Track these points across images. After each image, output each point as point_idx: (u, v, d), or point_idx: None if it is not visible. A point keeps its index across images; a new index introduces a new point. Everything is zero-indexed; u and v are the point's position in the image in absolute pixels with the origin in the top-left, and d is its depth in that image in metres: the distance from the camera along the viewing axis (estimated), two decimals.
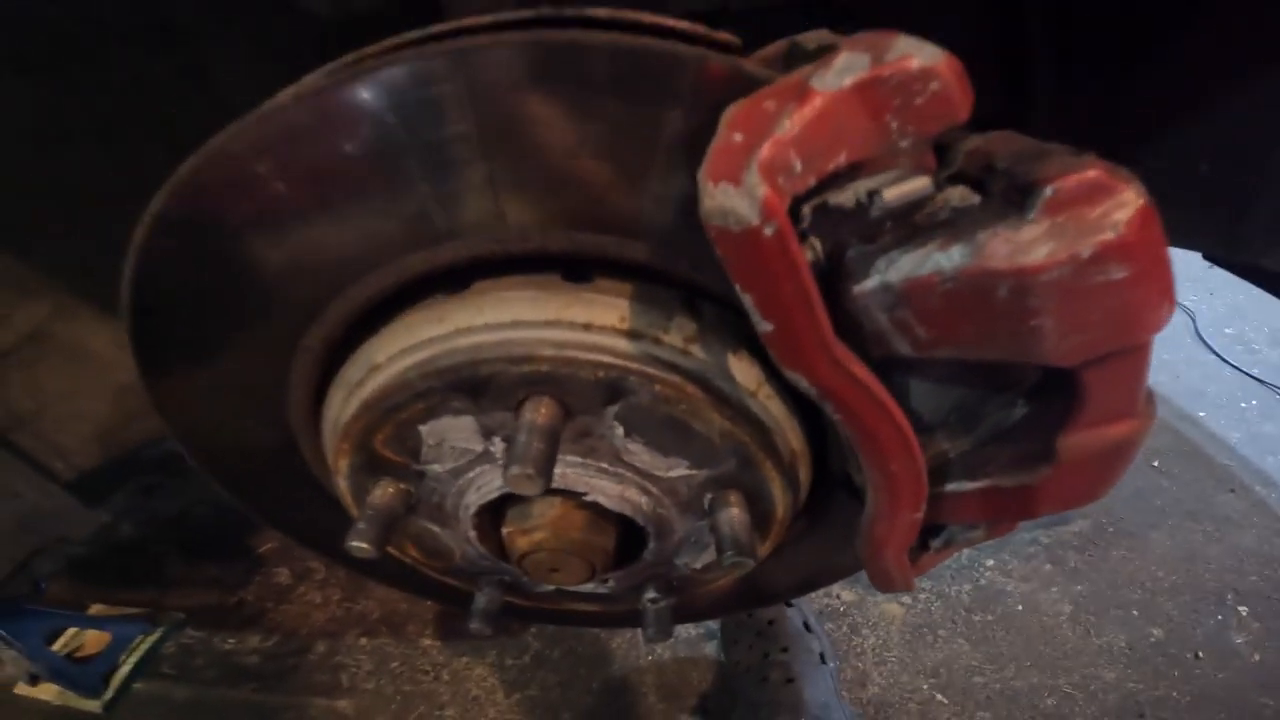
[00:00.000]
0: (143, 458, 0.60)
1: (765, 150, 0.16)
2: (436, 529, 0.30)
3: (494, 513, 0.29)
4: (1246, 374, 1.13)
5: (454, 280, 0.25)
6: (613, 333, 0.23)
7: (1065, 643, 0.77)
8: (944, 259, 0.19)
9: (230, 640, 0.88)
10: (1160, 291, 0.20)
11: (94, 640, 0.92)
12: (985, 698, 0.74)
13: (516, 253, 0.24)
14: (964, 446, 0.26)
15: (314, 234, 0.24)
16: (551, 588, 0.33)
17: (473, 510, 0.28)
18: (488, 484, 0.27)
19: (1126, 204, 0.18)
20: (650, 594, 0.33)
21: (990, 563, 0.86)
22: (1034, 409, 0.25)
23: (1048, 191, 0.18)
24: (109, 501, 0.63)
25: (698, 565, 0.32)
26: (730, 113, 0.19)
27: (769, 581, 0.43)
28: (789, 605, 0.72)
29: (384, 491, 0.27)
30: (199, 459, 0.33)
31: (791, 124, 0.17)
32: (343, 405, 0.26)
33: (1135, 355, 0.21)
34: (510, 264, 0.25)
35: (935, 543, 0.32)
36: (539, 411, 0.23)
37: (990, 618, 0.80)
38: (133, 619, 0.91)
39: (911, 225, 0.20)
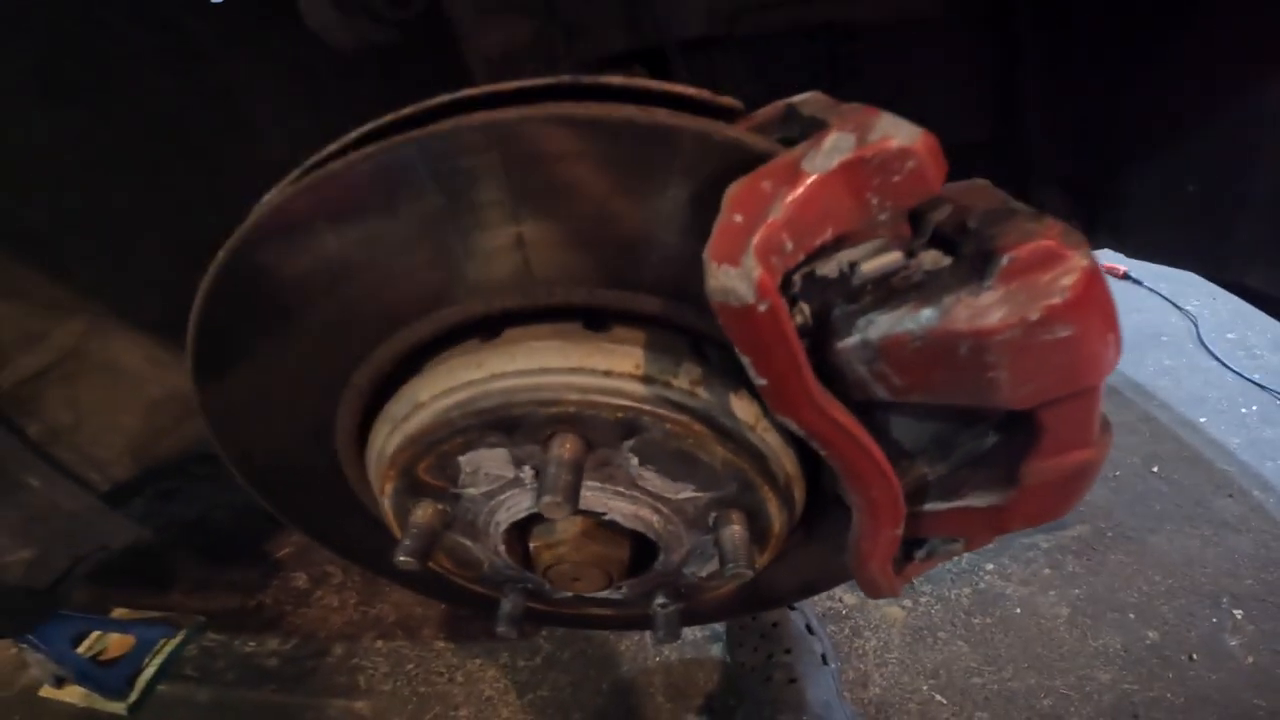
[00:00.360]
0: (163, 463, 0.64)
1: (760, 235, 0.20)
2: (469, 543, 0.34)
3: (521, 529, 0.33)
4: (1248, 379, 1.16)
5: (486, 327, 0.29)
6: (629, 378, 0.26)
7: (1062, 645, 0.81)
8: (914, 321, 0.22)
9: (250, 643, 0.93)
10: (1103, 343, 0.24)
11: (117, 643, 0.97)
12: (983, 698, 0.77)
13: (542, 305, 0.28)
14: (941, 471, 0.30)
15: (364, 287, 0.28)
16: (570, 594, 0.37)
17: (503, 527, 0.32)
18: (517, 505, 0.31)
19: (1072, 270, 0.22)
20: (660, 599, 0.37)
21: (990, 567, 0.89)
22: (1003, 439, 0.29)
23: (1004, 260, 0.22)
24: (129, 507, 0.67)
25: (703, 574, 0.36)
26: (731, 192, 0.22)
27: (771, 586, 0.47)
28: (792, 609, 0.76)
29: (425, 512, 0.31)
30: (250, 480, 0.37)
31: (784, 208, 0.21)
32: (389, 437, 0.30)
33: (1085, 397, 0.25)
34: (537, 313, 0.28)
35: (919, 554, 0.36)
36: (565, 446, 0.27)
37: (989, 620, 0.84)
38: (155, 622, 0.95)
39: (889, 288, 0.24)
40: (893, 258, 0.22)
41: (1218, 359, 1.20)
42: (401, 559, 0.29)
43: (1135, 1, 0.52)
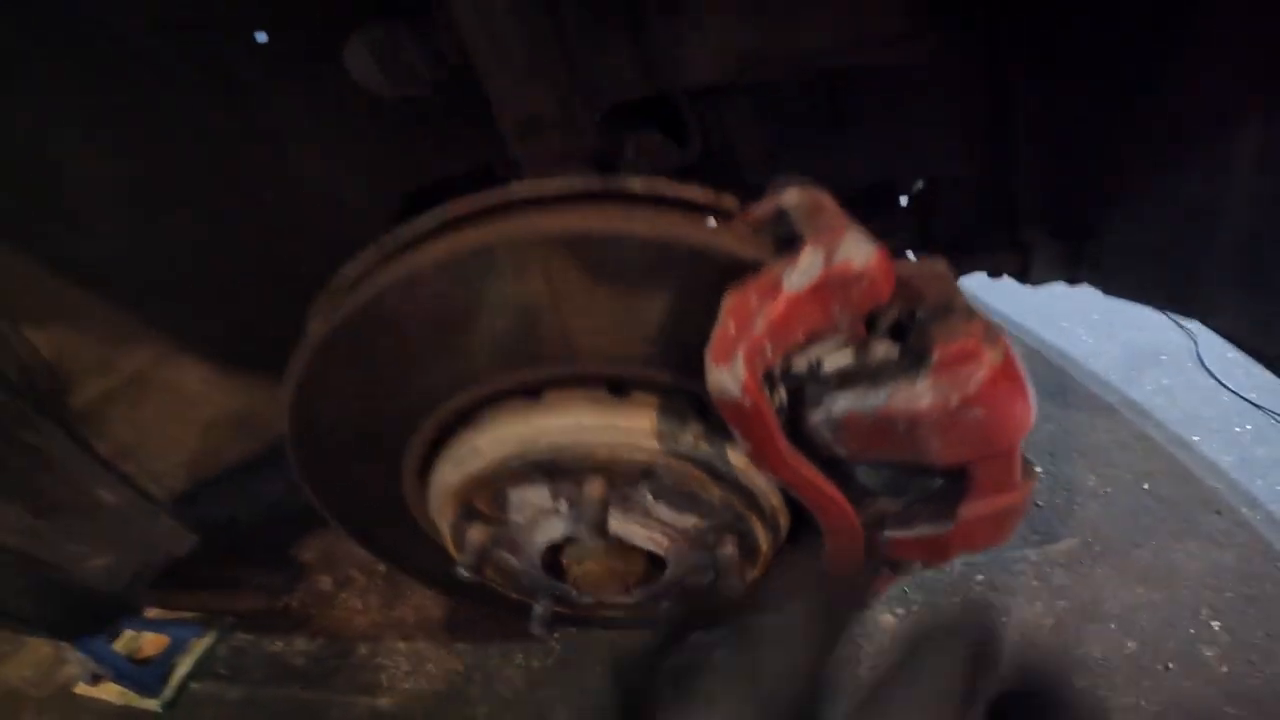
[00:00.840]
0: (214, 477, 0.73)
1: (745, 346, 0.29)
2: (511, 558, 0.43)
3: (555, 548, 0.42)
4: (1243, 398, 1.24)
5: (531, 390, 0.38)
6: (646, 434, 0.35)
7: (1044, 653, 0.89)
8: (865, 403, 0.31)
9: (278, 643, 1.03)
10: (1012, 418, 0.32)
11: (151, 642, 1.06)
12: None
13: (577, 374, 0.37)
14: (897, 507, 0.39)
15: (442, 358, 0.37)
16: (592, 600, 0.46)
17: (541, 547, 0.41)
18: (554, 530, 0.40)
19: (984, 367, 0.30)
20: (665, 604, 0.46)
21: (980, 578, 0.98)
22: (946, 483, 0.37)
23: (934, 358, 0.31)
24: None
25: (702, 584, 0.45)
26: (727, 303, 0.31)
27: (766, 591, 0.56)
28: None
29: (479, 533, 0.40)
30: (328, 508, 0.47)
31: (766, 323, 0.29)
32: (451, 473, 0.39)
33: (1002, 456, 0.34)
34: (572, 379, 0.37)
35: (884, 570, 0.45)
36: (595, 487, 0.36)
37: None
38: (187, 623, 1.05)
39: (848, 374, 0.32)
40: (847, 356, 0.31)
41: (1215, 378, 1.28)
42: (461, 571, 0.38)
43: (1118, 55, 0.60)
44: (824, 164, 0.74)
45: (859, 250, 0.30)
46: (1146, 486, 1.11)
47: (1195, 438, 1.21)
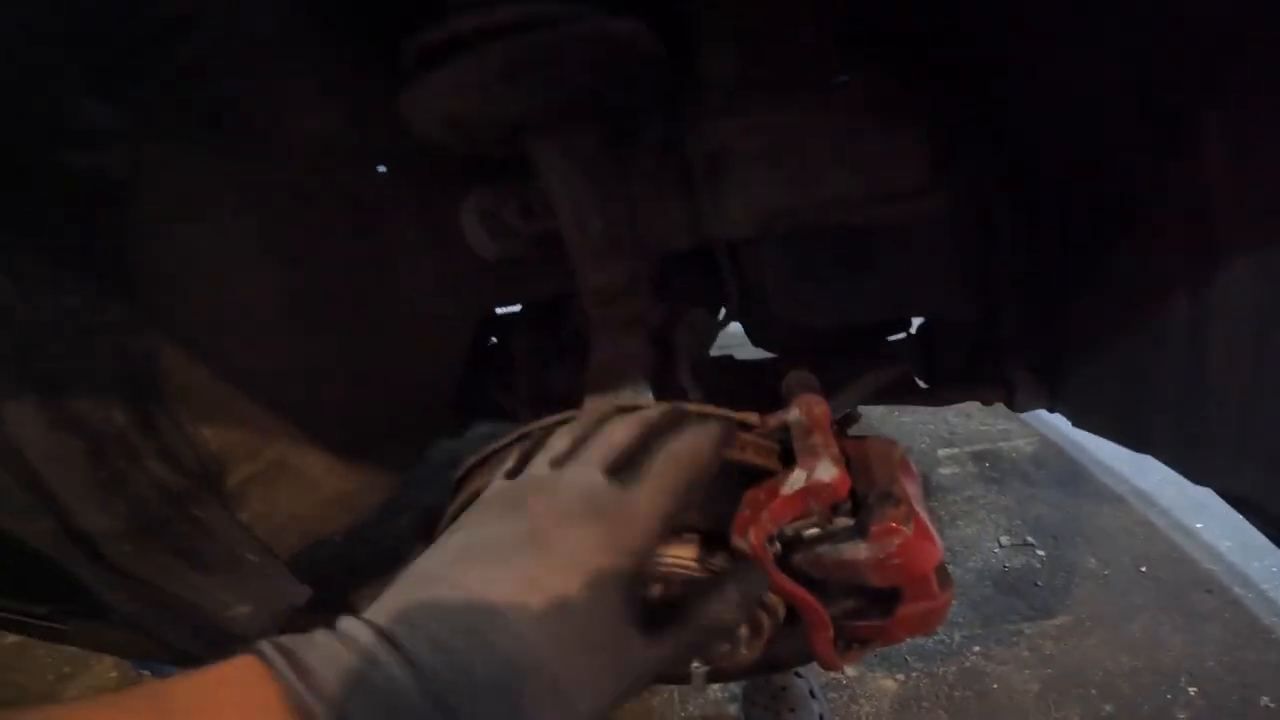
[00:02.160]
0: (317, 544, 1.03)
1: (755, 527, 0.58)
2: None
3: None
4: None
5: None
6: (690, 560, 0.65)
7: (1027, 716, 1.17)
8: (829, 554, 0.60)
9: None
10: (922, 562, 0.61)
11: None
12: None
13: None
14: (859, 604, 0.68)
15: None
16: None
17: None
18: None
19: (900, 536, 0.59)
20: (696, 666, 0.76)
21: (976, 649, 1.27)
22: (888, 592, 0.66)
23: (870, 533, 0.60)
24: None
25: (722, 652, 0.75)
26: (746, 496, 0.60)
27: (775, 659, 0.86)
28: (798, 676, 1.14)
29: None
30: None
31: (769, 513, 0.59)
32: None
33: (918, 581, 0.63)
34: None
35: (855, 646, 0.74)
36: (654, 591, 0.66)
37: (969, 693, 1.21)
38: None
39: (817, 539, 0.62)
40: (816, 532, 0.60)
41: None
42: None
43: (1084, 223, 0.85)
44: (840, 302, 1.04)
45: (828, 472, 0.59)
46: (1144, 569, 1.39)
47: (1198, 525, 1.48)
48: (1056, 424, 1.80)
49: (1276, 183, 0.57)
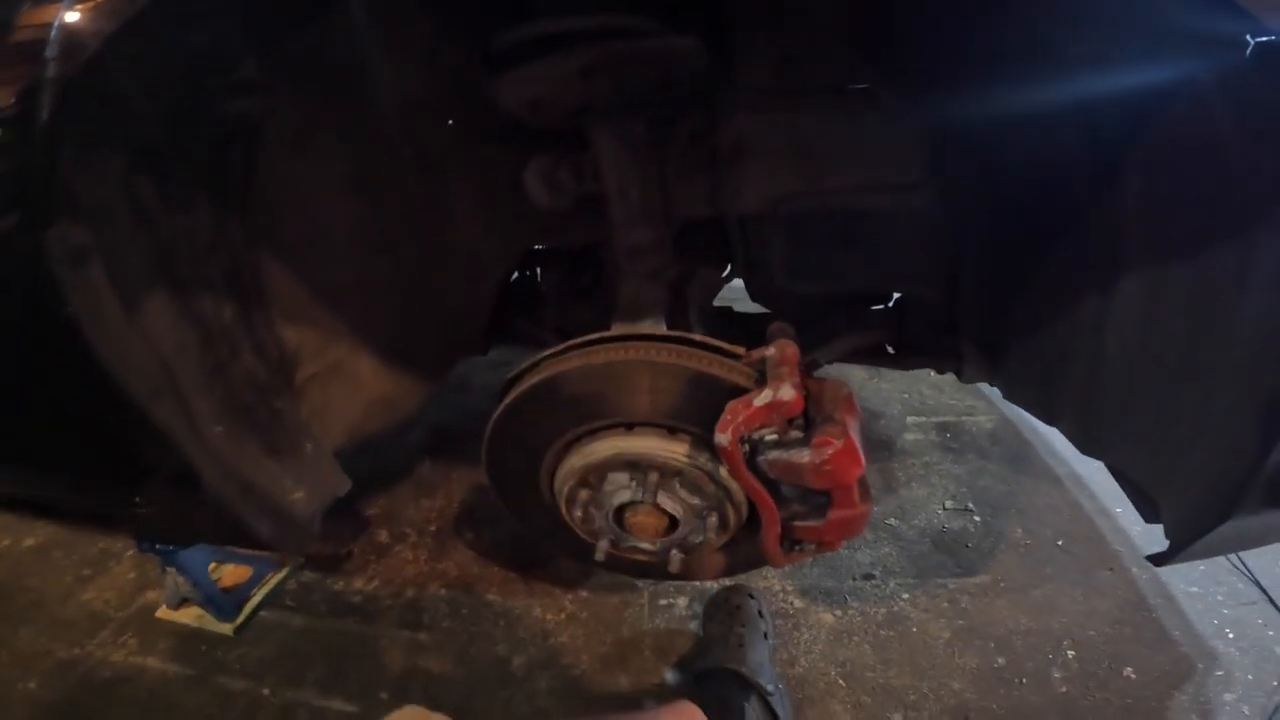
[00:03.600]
0: (361, 442, 1.30)
1: (731, 428, 0.88)
2: (595, 512, 1.02)
3: (620, 508, 1.01)
4: None
5: (625, 425, 0.97)
6: (682, 456, 0.94)
7: (936, 658, 1.46)
8: (781, 457, 0.90)
9: (340, 583, 1.61)
10: (848, 472, 0.91)
11: (230, 574, 1.61)
12: (870, 688, 1.43)
13: (651, 422, 0.96)
14: (802, 508, 0.98)
15: (577, 413, 0.95)
16: (633, 544, 1.05)
17: (614, 505, 1.00)
18: (624, 496, 0.99)
19: (832, 447, 0.89)
20: (674, 552, 1.05)
21: (906, 596, 1.58)
22: (825, 498, 0.96)
23: (812, 443, 0.89)
24: None
25: (696, 541, 1.04)
26: (728, 406, 0.90)
27: (731, 563, 1.16)
28: (751, 598, 1.44)
29: (584, 494, 0.99)
30: (494, 482, 1.05)
31: (743, 419, 0.88)
32: (577, 462, 0.99)
33: (845, 489, 0.92)
34: (647, 424, 0.96)
35: (797, 547, 1.04)
36: (654, 476, 0.95)
37: (892, 633, 1.52)
38: (266, 559, 1.62)
39: (775, 444, 0.91)
40: (775, 438, 0.90)
41: None
42: (577, 515, 0.97)
43: (1038, 227, 1.07)
44: (829, 273, 1.34)
45: (788, 393, 0.88)
46: (1060, 543, 1.71)
47: (1118, 510, 1.81)
48: (1015, 407, 2.11)
49: (1171, 226, 0.83)
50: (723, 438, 0.88)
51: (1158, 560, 0.90)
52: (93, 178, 0.70)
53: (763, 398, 0.87)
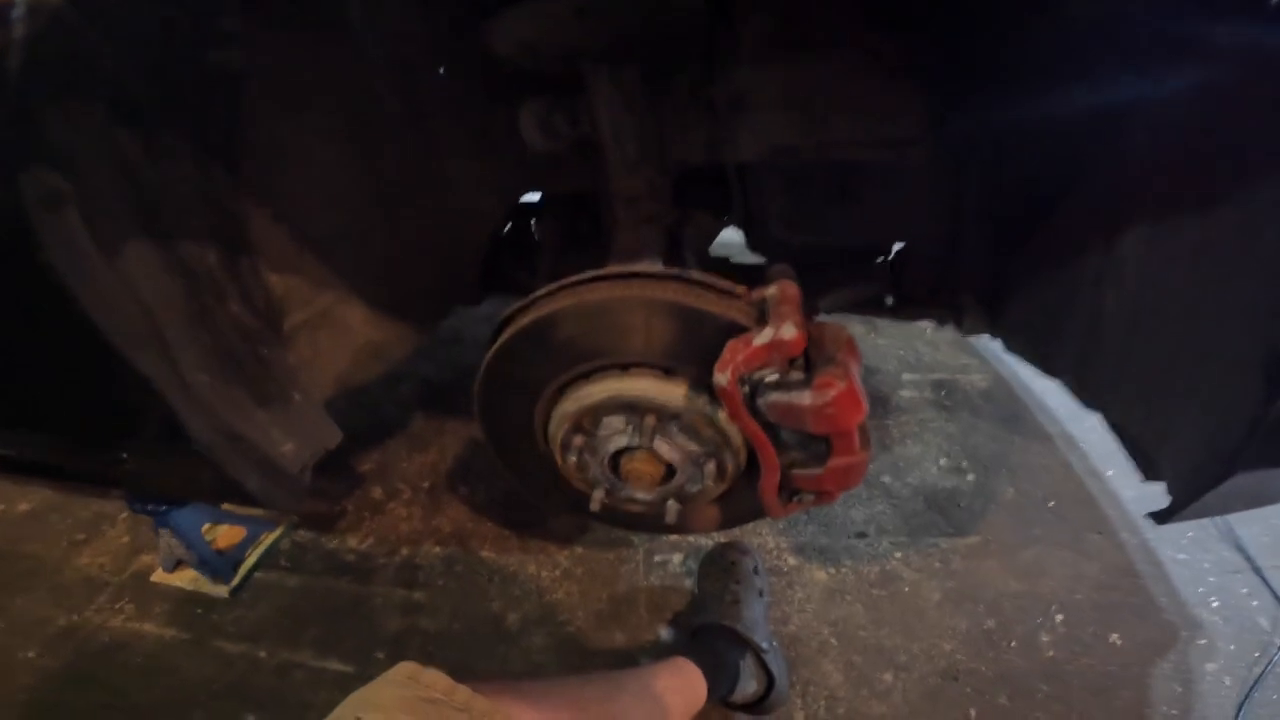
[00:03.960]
0: (349, 391, 1.27)
1: (731, 366, 0.85)
2: (590, 459, 1.00)
3: (616, 455, 0.99)
4: None
5: (620, 366, 0.95)
6: (680, 397, 0.92)
7: (927, 619, 1.46)
8: (782, 399, 0.87)
9: (334, 542, 1.59)
10: (849, 416, 0.89)
11: (225, 535, 1.59)
12: (862, 647, 1.43)
13: (647, 362, 0.93)
14: (801, 455, 0.96)
15: (572, 352, 0.93)
16: (629, 493, 1.03)
17: (610, 452, 0.98)
18: (620, 441, 0.97)
19: (833, 390, 0.87)
20: (671, 503, 1.03)
21: (898, 555, 1.58)
22: (825, 445, 0.94)
23: (814, 384, 0.87)
24: None
25: (693, 490, 1.02)
26: (728, 345, 0.87)
27: (728, 515, 1.14)
28: (746, 555, 1.43)
29: (579, 440, 0.96)
30: (485, 425, 1.03)
31: (743, 359, 0.86)
32: (571, 406, 0.96)
33: (845, 434, 0.90)
34: (643, 365, 0.94)
35: (795, 498, 1.02)
36: (651, 420, 0.93)
37: (884, 593, 1.51)
38: (260, 519, 1.60)
39: (776, 385, 0.89)
40: (776, 378, 0.87)
41: None
42: (572, 462, 0.95)
43: (1040, 178, 1.05)
44: (827, 225, 1.31)
45: (789, 332, 0.86)
46: (1052, 504, 1.71)
47: (1109, 472, 1.81)
48: (1011, 365, 2.14)
49: (1178, 179, 0.81)
50: (722, 377, 0.85)
51: (1158, 518, 0.90)
52: (69, 128, 0.71)
53: (764, 336, 0.85)
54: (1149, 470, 1.03)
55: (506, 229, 1.50)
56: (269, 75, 0.96)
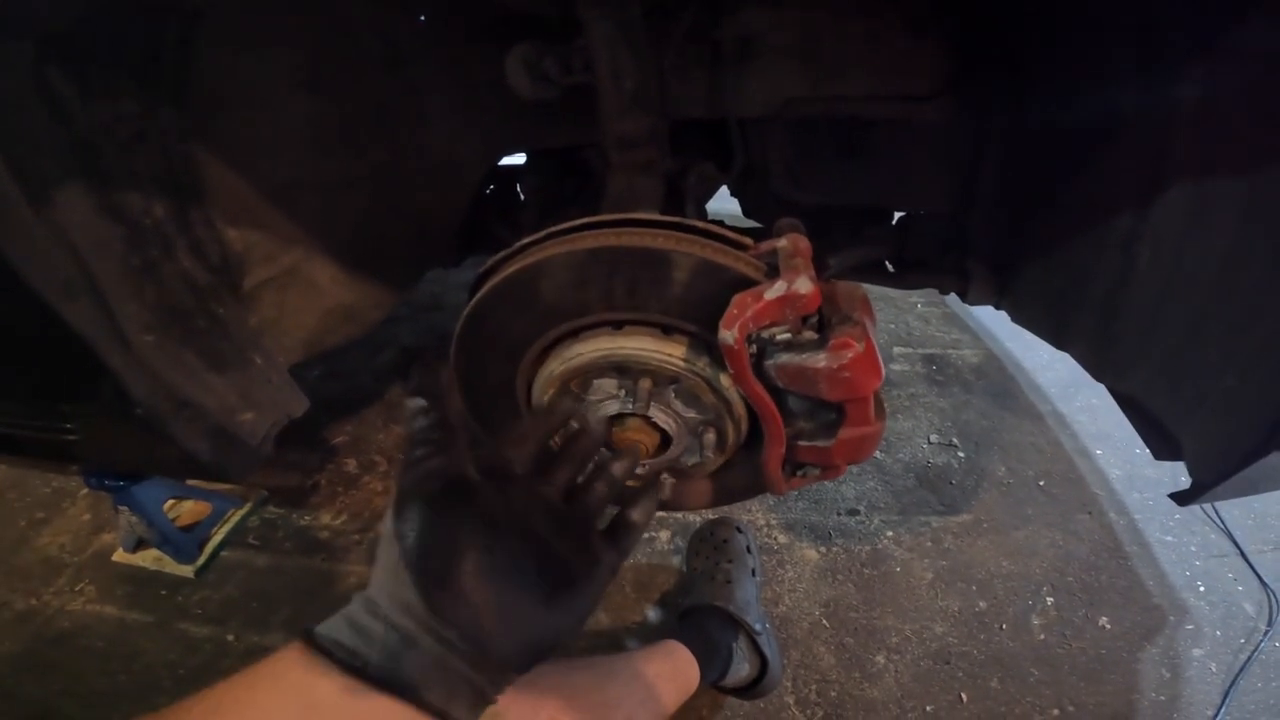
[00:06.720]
0: (319, 355, 1.10)
1: (738, 323, 0.71)
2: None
3: (610, 420, 0.84)
4: None
5: (615, 324, 0.80)
6: (679, 359, 0.78)
7: (919, 600, 1.36)
8: (793, 361, 0.74)
9: (306, 517, 1.43)
10: (867, 379, 0.75)
11: (190, 512, 1.43)
12: (854, 628, 1.33)
13: (643, 319, 0.79)
14: (809, 426, 0.82)
15: (559, 304, 0.78)
16: None
17: (601, 418, 0.84)
18: (612, 407, 0.83)
19: (850, 351, 0.73)
20: (665, 476, 0.89)
21: (890, 534, 1.46)
22: (835, 414, 0.81)
23: (828, 345, 0.73)
24: None
25: (690, 463, 0.88)
26: (735, 299, 0.73)
27: (723, 490, 1.01)
28: (739, 532, 1.30)
29: (567, 406, 0.82)
30: (474, 413, 0.87)
31: (752, 313, 0.72)
32: (557, 367, 0.81)
33: (862, 401, 0.77)
34: (639, 321, 0.79)
35: (800, 472, 0.89)
36: (646, 383, 0.78)
37: (876, 573, 1.40)
38: (227, 495, 1.43)
39: (787, 344, 0.75)
40: (789, 336, 0.74)
41: None
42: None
43: (1061, 146, 0.92)
44: (833, 184, 1.17)
45: (804, 285, 0.72)
46: (1042, 483, 1.61)
47: (1099, 451, 1.71)
48: (1002, 341, 2.04)
49: (1227, 136, 0.71)
50: (728, 334, 0.71)
51: (1180, 499, 0.80)
52: None
53: (775, 290, 0.71)
54: (1164, 449, 0.91)
55: (490, 189, 1.34)
56: (223, 15, 0.83)
